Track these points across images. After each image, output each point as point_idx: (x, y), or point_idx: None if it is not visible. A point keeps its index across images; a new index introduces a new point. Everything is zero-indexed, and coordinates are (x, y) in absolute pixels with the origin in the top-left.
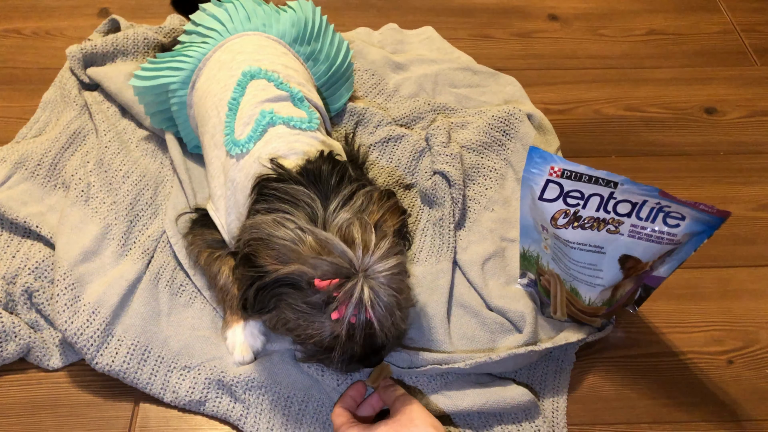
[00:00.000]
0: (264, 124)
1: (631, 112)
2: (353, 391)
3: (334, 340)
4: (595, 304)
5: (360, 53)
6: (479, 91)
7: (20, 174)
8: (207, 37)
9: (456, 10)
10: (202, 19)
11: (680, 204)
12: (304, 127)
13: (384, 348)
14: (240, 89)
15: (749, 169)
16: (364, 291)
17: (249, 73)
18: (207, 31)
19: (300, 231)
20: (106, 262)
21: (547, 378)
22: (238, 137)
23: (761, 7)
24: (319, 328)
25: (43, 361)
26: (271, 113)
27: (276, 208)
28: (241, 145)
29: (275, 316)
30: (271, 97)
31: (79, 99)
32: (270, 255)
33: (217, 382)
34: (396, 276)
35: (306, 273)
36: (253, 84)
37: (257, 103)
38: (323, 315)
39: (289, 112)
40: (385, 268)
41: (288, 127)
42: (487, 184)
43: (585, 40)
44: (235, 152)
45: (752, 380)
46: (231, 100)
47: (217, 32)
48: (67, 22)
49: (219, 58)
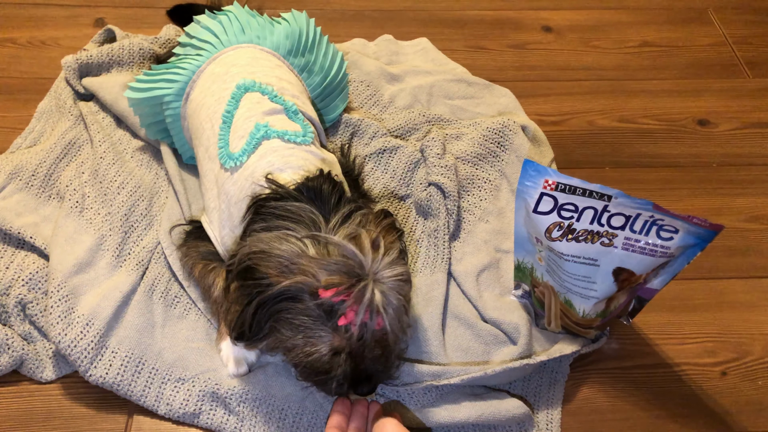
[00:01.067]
0: (258, 138)
1: (625, 123)
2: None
3: (333, 358)
4: (589, 315)
5: (355, 64)
6: (474, 103)
7: (14, 184)
8: (201, 50)
9: (451, 21)
10: (197, 32)
11: (673, 217)
12: (298, 141)
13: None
14: (234, 102)
15: (741, 180)
16: (375, 294)
17: (243, 86)
18: (201, 44)
19: (302, 242)
20: (100, 273)
21: (541, 390)
22: (233, 150)
23: (753, 20)
24: (318, 343)
25: (36, 373)
26: (265, 126)
27: (275, 225)
28: (235, 158)
29: (271, 342)
30: (265, 110)
31: (74, 109)
32: (271, 267)
33: (211, 394)
34: (404, 284)
35: (309, 283)
36: (248, 97)
37: (251, 116)
38: (325, 326)
39: (283, 126)
40: (394, 274)
41: (283, 141)
42: (481, 195)
43: (579, 52)
44: (229, 165)
45: (746, 392)
46: (225, 113)
47: (211, 44)
48: (63, 32)
49: (213, 70)
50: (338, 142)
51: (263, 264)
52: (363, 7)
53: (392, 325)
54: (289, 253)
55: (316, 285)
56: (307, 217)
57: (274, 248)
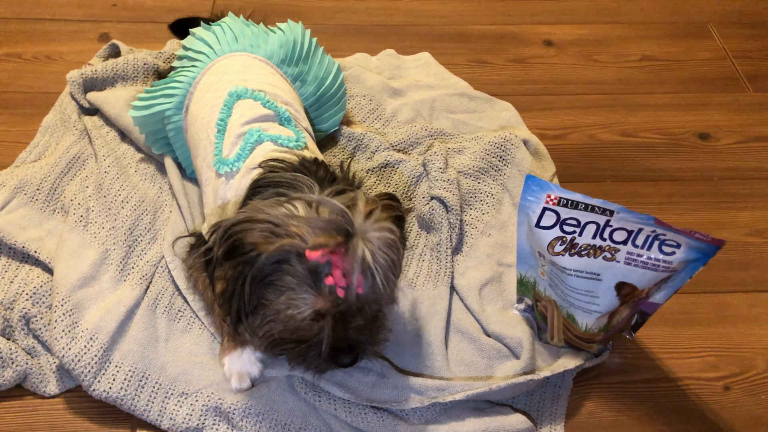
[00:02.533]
0: (252, 143)
1: (626, 137)
2: None
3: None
4: (591, 330)
5: (358, 79)
6: (476, 117)
7: (19, 199)
8: (196, 61)
9: (452, 36)
10: (192, 44)
11: (675, 232)
12: (291, 146)
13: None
14: (227, 109)
15: (743, 194)
16: (365, 252)
17: (235, 93)
18: (196, 55)
19: (292, 204)
20: (104, 287)
21: (544, 404)
22: (226, 156)
23: (753, 34)
24: (300, 305)
25: (39, 387)
26: (258, 131)
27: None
28: (229, 164)
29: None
30: (257, 116)
31: (78, 123)
32: (257, 235)
33: (214, 408)
34: (393, 247)
35: (296, 245)
36: (240, 104)
37: (244, 123)
38: (309, 288)
39: (276, 131)
40: (383, 235)
41: (275, 145)
42: (483, 209)
43: (580, 66)
44: (223, 171)
45: (749, 407)
46: (219, 121)
47: (205, 55)
48: (68, 47)
49: (207, 80)
50: (340, 157)
51: (248, 234)
52: (366, 22)
53: (377, 289)
54: (275, 216)
55: (303, 246)
56: (305, 184)
57: (261, 213)
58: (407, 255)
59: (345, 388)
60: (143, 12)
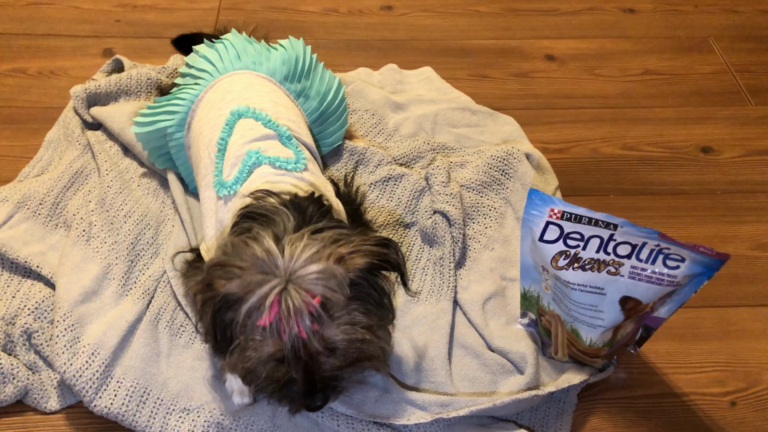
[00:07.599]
0: (250, 165)
1: (629, 151)
2: None
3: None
4: (596, 344)
5: (360, 93)
6: (478, 131)
7: (22, 213)
8: (199, 79)
9: (455, 50)
10: (195, 61)
11: (680, 246)
12: (290, 168)
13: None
14: (228, 129)
15: (746, 208)
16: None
17: (237, 112)
18: (199, 73)
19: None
20: (106, 302)
21: (548, 420)
22: (226, 178)
23: (754, 48)
24: (258, 347)
25: (40, 403)
26: (257, 153)
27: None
28: (228, 187)
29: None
30: (258, 136)
31: (82, 138)
32: (222, 275)
33: (216, 424)
34: (323, 282)
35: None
36: (241, 123)
37: (244, 143)
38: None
39: (276, 152)
40: (310, 271)
41: (273, 168)
42: (486, 223)
43: (582, 80)
44: (222, 194)
45: (756, 422)
46: (219, 140)
47: (208, 73)
48: (72, 62)
49: (210, 98)
50: (343, 171)
51: (216, 274)
52: (368, 37)
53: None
54: (226, 258)
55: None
56: (280, 219)
57: (228, 254)
58: (410, 269)
59: (348, 404)
60: (147, 27)
